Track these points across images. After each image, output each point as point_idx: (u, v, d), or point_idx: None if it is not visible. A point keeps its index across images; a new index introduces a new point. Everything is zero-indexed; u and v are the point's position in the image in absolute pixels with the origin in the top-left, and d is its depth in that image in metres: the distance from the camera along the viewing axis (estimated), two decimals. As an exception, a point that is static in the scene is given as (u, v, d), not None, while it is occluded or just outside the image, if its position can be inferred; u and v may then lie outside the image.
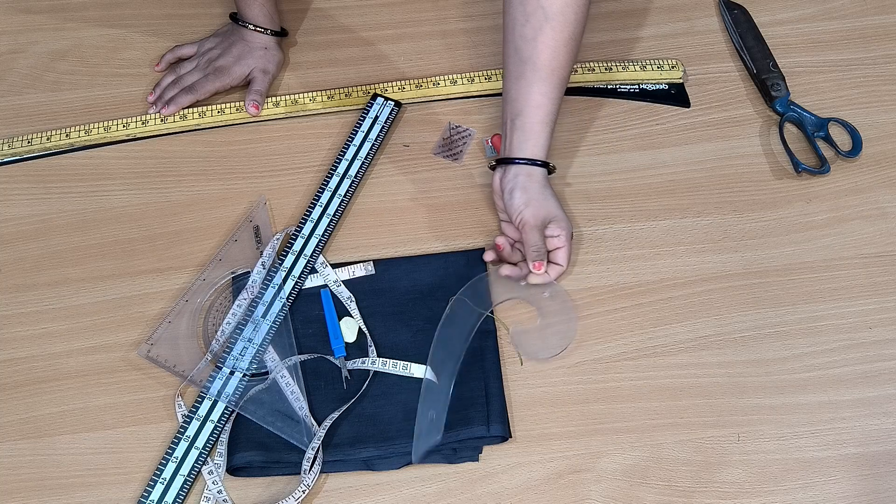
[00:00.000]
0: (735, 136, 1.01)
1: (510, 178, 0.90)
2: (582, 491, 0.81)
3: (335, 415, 0.83)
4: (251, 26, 1.03)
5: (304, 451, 0.81)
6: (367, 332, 0.88)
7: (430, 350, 0.86)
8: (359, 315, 0.89)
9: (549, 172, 0.92)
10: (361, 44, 1.09)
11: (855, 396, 0.85)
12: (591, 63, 1.06)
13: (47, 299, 0.91)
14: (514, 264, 0.90)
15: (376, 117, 1.01)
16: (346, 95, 1.04)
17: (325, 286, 0.91)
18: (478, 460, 0.83)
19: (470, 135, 1.02)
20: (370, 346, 0.87)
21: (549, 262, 0.88)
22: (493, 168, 0.93)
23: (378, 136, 1.00)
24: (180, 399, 0.85)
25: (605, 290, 0.91)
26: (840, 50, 1.08)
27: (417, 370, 0.86)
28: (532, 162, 0.90)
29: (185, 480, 0.80)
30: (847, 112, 1.02)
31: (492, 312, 0.89)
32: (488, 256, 0.91)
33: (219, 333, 0.88)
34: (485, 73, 1.05)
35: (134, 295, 0.91)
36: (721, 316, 0.90)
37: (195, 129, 1.02)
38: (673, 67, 1.06)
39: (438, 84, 1.05)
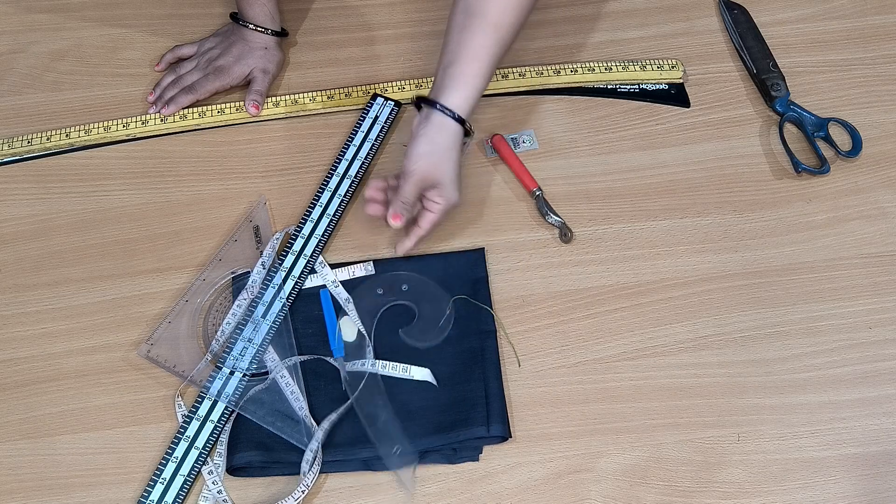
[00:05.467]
0: (735, 136, 1.01)
1: (423, 123, 0.87)
2: (582, 491, 0.81)
3: (334, 416, 0.83)
4: (251, 26, 1.03)
5: (304, 451, 0.81)
6: (365, 332, 0.88)
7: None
8: (357, 316, 0.89)
9: (466, 134, 0.89)
10: (361, 44, 1.09)
11: (855, 396, 0.85)
12: (591, 63, 1.06)
13: (47, 299, 0.91)
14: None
15: (376, 117, 1.01)
16: (346, 95, 1.04)
17: (325, 286, 0.91)
18: (478, 460, 0.83)
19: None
20: (369, 347, 0.87)
21: (414, 222, 0.88)
22: (416, 107, 0.90)
23: (378, 136, 1.00)
24: (180, 399, 0.85)
25: (605, 290, 0.91)
26: (840, 50, 1.08)
27: (417, 372, 0.86)
28: (451, 114, 0.86)
29: (185, 480, 0.80)
30: (847, 112, 1.02)
31: (492, 311, 0.89)
32: (371, 209, 0.90)
33: (219, 333, 0.88)
34: (485, 73, 1.05)
35: (134, 295, 0.91)
36: (721, 316, 0.90)
37: (195, 129, 1.02)
38: (673, 67, 1.06)
39: (438, 84, 1.04)
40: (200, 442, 0.82)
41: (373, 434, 0.82)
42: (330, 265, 0.92)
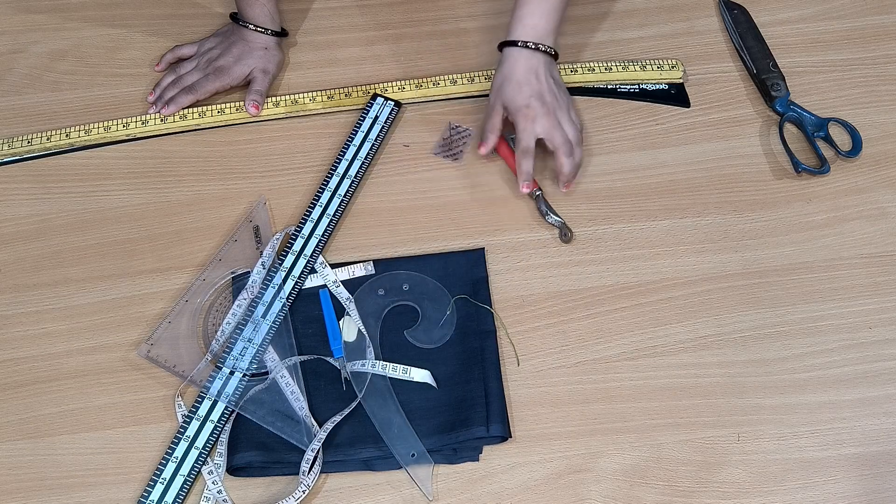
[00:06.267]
0: (735, 136, 1.01)
1: (500, 62, 0.89)
2: (582, 491, 0.81)
3: (337, 418, 0.83)
4: (251, 26, 1.03)
5: (304, 452, 0.81)
6: (366, 333, 0.88)
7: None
8: (357, 316, 0.89)
9: (552, 56, 0.90)
10: (361, 44, 1.09)
11: (855, 396, 0.85)
12: (591, 63, 1.06)
13: (47, 299, 0.91)
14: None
15: (376, 117, 1.01)
16: (346, 95, 1.04)
17: (325, 286, 0.91)
18: (478, 460, 0.83)
19: (470, 135, 1.02)
20: (369, 348, 0.87)
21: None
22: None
23: (378, 136, 1.00)
24: (180, 399, 0.85)
25: (605, 290, 0.91)
26: (840, 50, 1.08)
27: (417, 374, 0.86)
28: (513, 43, 0.87)
29: (185, 480, 0.80)
30: (847, 112, 1.02)
31: (493, 310, 0.89)
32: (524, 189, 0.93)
33: (219, 333, 0.88)
34: (485, 73, 1.05)
35: (134, 295, 0.91)
36: (721, 316, 0.90)
37: (195, 129, 1.02)
38: (673, 67, 1.06)
39: (438, 84, 1.05)
40: (200, 442, 0.82)
41: (388, 439, 0.82)
42: (330, 265, 0.92)
